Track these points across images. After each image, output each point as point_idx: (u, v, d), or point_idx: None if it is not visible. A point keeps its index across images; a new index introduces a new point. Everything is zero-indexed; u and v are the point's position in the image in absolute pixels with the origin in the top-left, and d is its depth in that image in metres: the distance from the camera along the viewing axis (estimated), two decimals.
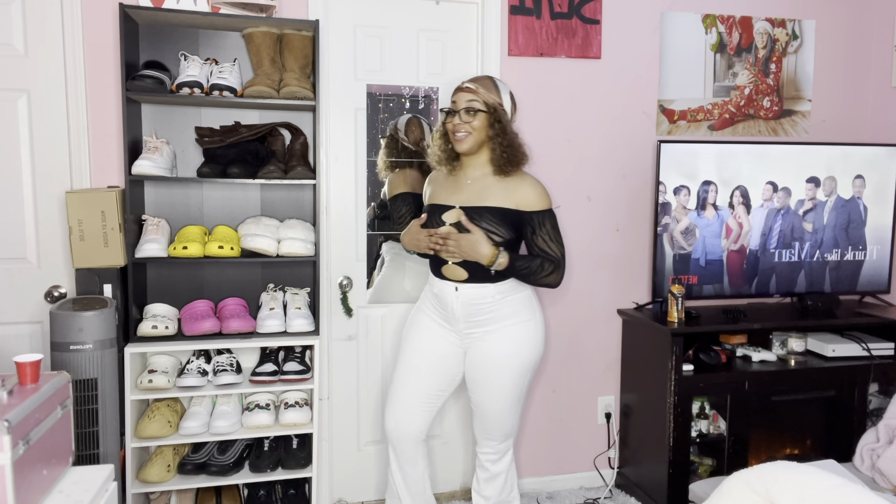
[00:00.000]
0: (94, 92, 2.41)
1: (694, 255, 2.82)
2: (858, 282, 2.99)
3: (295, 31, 2.42)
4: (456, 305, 2.13)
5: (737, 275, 2.87)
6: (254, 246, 2.35)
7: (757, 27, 3.02)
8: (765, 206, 2.87)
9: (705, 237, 2.82)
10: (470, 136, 2.10)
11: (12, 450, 1.36)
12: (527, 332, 2.15)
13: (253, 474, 2.39)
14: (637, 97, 2.92)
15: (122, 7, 2.23)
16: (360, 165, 2.69)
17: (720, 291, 2.86)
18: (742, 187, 2.83)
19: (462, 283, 2.12)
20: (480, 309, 2.12)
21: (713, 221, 2.83)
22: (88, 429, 2.09)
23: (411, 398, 2.22)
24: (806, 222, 2.90)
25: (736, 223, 2.84)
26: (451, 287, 2.14)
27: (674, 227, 2.79)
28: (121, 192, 2.29)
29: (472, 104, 2.10)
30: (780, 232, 2.88)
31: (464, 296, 2.12)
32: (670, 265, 2.80)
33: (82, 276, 2.25)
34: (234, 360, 2.45)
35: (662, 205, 2.76)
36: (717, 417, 2.73)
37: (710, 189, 2.80)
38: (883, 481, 2.09)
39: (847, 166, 2.91)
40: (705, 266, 2.83)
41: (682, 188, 2.77)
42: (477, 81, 2.14)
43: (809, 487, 1.18)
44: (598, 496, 2.89)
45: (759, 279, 2.90)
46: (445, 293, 2.15)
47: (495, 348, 2.13)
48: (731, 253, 2.85)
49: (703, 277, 2.84)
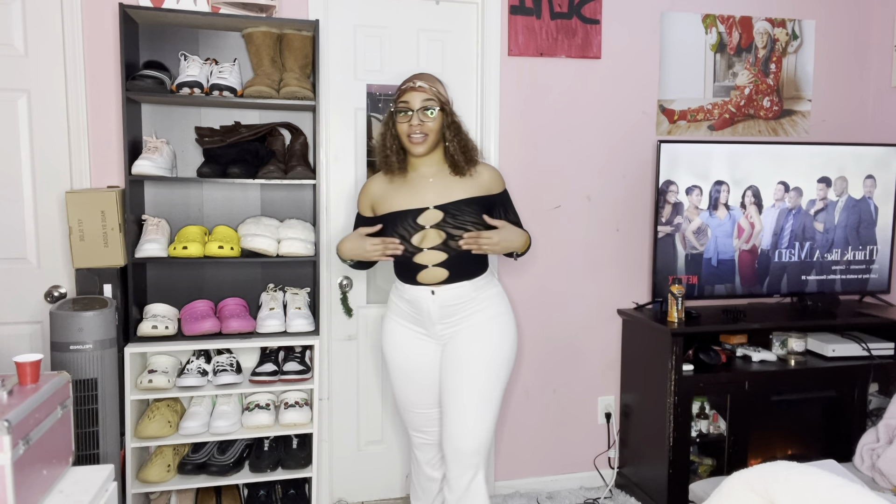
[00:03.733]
0: (94, 92, 2.41)
1: (706, 254, 2.82)
2: (869, 282, 3.00)
3: (295, 31, 2.42)
4: (432, 309, 2.07)
5: (748, 274, 2.88)
6: (254, 246, 2.35)
7: (757, 27, 3.02)
8: (776, 205, 2.87)
9: (717, 237, 2.83)
10: (428, 138, 2.04)
11: (12, 450, 1.36)
12: (500, 326, 2.10)
13: (253, 474, 2.39)
14: (637, 97, 2.91)
15: (122, 7, 2.23)
16: (360, 165, 2.68)
17: (732, 291, 2.86)
18: (754, 187, 2.83)
19: (438, 285, 2.06)
20: (457, 308, 2.08)
21: (725, 221, 2.83)
22: (88, 429, 2.08)
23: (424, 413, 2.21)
24: (817, 222, 2.90)
25: (748, 223, 2.84)
26: (426, 292, 2.07)
27: (686, 227, 2.79)
28: (121, 192, 2.29)
29: (429, 103, 2.03)
30: (791, 232, 2.88)
31: (441, 298, 2.06)
32: (682, 265, 2.80)
33: (82, 276, 2.25)
34: (234, 360, 2.45)
35: (675, 205, 2.76)
36: (717, 417, 2.73)
37: (722, 189, 2.80)
38: (883, 481, 2.09)
39: (859, 166, 2.91)
40: (717, 266, 2.84)
41: (694, 188, 2.77)
42: (424, 79, 2.06)
43: (809, 487, 1.18)
44: (598, 496, 2.89)
45: (770, 279, 2.90)
46: (420, 298, 2.08)
47: (469, 344, 2.07)
48: (742, 253, 2.86)
49: (715, 277, 2.84)
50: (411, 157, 2.10)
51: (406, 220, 2.06)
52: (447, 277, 2.06)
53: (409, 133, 2.03)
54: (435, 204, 2.05)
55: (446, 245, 2.04)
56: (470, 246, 2.01)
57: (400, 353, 2.18)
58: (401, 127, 2.05)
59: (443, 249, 2.04)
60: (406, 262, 2.08)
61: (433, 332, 2.12)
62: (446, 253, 2.04)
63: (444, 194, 2.07)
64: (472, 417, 2.04)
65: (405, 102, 2.04)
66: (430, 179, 2.10)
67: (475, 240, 2.01)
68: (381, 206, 2.13)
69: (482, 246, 2.01)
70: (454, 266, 2.05)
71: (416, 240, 2.05)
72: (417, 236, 2.04)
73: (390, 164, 2.11)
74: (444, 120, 2.07)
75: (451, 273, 2.05)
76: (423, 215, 2.05)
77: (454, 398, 2.06)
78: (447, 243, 2.04)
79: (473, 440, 2.03)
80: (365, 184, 2.22)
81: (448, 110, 2.08)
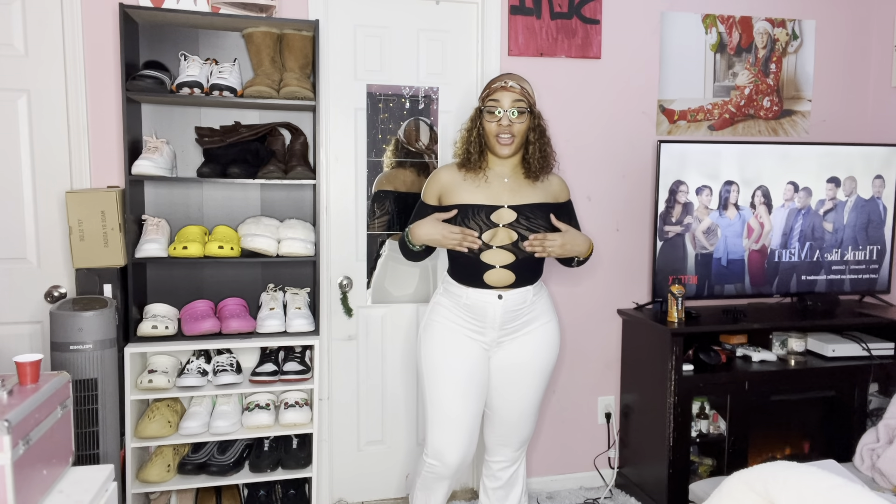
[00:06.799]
0: (94, 92, 2.41)
1: (716, 254, 2.83)
2: (878, 281, 3.00)
3: (295, 31, 2.42)
4: (497, 314, 2.02)
5: (758, 275, 2.88)
6: (254, 246, 2.35)
7: (757, 27, 3.02)
8: (786, 205, 2.87)
9: (727, 237, 2.83)
10: (515, 140, 2.00)
11: (12, 450, 1.36)
12: (551, 332, 2.12)
13: (253, 474, 2.39)
14: (637, 97, 2.92)
15: (122, 7, 2.23)
16: (360, 165, 2.68)
17: (741, 291, 2.87)
18: (763, 187, 2.83)
19: (505, 289, 2.03)
20: (519, 314, 2.05)
21: (735, 221, 2.83)
22: (88, 429, 2.08)
23: (470, 427, 2.07)
24: (826, 222, 2.91)
25: (757, 223, 2.85)
26: (492, 296, 2.02)
27: (696, 227, 2.79)
28: (121, 192, 2.29)
29: (519, 105, 1.99)
30: (801, 232, 2.88)
31: (507, 302, 2.02)
32: (692, 265, 2.80)
33: (82, 276, 2.25)
34: (234, 360, 2.45)
35: (685, 204, 2.76)
36: (717, 417, 2.73)
37: (731, 189, 2.80)
38: (883, 481, 2.09)
39: (867, 166, 2.91)
40: (727, 266, 2.84)
41: (704, 188, 2.77)
42: (514, 79, 2.02)
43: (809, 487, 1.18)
44: (598, 496, 2.89)
45: (779, 279, 2.90)
46: (485, 302, 2.03)
47: (524, 351, 2.07)
48: (752, 252, 2.86)
49: (725, 277, 2.85)
50: (490, 155, 2.08)
51: (479, 215, 2.02)
52: (514, 282, 2.02)
53: (498, 133, 2.00)
54: (509, 203, 2.03)
55: (515, 246, 2.02)
56: (534, 248, 1.98)
57: (454, 354, 2.07)
58: (489, 126, 2.02)
59: (511, 250, 2.02)
60: (472, 262, 2.03)
61: (489, 338, 2.07)
62: (514, 255, 2.02)
63: (518, 196, 2.05)
64: (524, 420, 2.13)
65: (495, 101, 2.00)
66: (504, 179, 2.07)
67: (541, 242, 1.98)
68: (450, 197, 2.09)
69: (547, 248, 1.98)
70: (521, 269, 2.03)
71: (486, 237, 2.01)
72: (488, 233, 2.01)
73: (472, 161, 2.07)
74: (531, 122, 2.03)
75: (517, 277, 2.02)
76: (496, 213, 2.02)
77: (510, 404, 2.11)
78: (517, 244, 2.02)
79: (522, 439, 2.16)
80: (434, 172, 2.18)
81: (536, 113, 2.05)
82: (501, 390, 2.11)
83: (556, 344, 2.15)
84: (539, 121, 2.06)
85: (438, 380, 2.08)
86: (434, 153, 2.72)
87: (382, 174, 2.68)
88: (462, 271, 2.07)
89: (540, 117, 2.07)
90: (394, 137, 2.68)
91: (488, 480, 2.22)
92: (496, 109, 1.99)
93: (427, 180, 2.20)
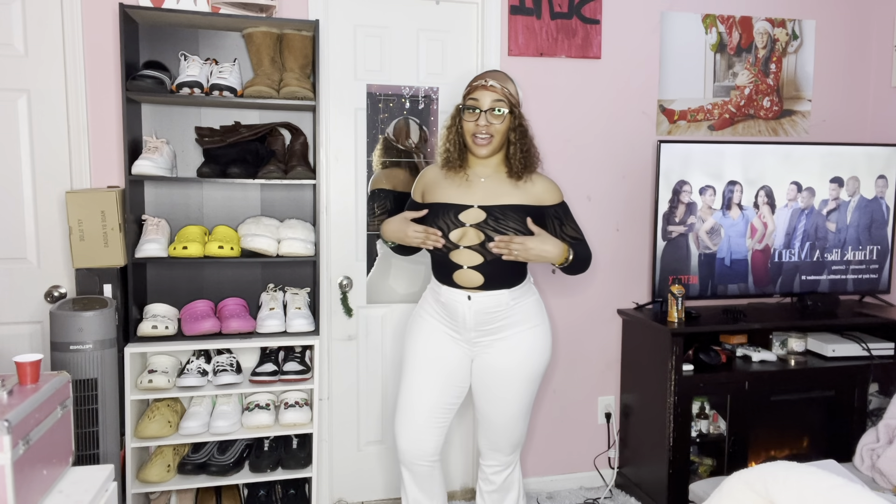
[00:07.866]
0: (94, 92, 2.41)
1: (719, 254, 2.83)
2: (879, 281, 3.00)
3: (295, 31, 2.42)
4: (468, 315, 2.00)
5: (761, 274, 2.88)
6: (254, 246, 2.35)
7: (757, 27, 3.02)
8: (789, 205, 2.87)
9: (730, 237, 2.83)
10: (493, 140, 1.97)
11: (12, 450, 1.36)
12: (535, 338, 2.05)
13: (253, 474, 2.39)
14: (637, 97, 2.92)
15: (122, 7, 2.23)
16: (360, 165, 2.68)
17: (745, 291, 2.87)
18: (767, 187, 2.83)
19: (475, 290, 1.99)
20: (494, 317, 2.00)
21: (738, 221, 2.83)
22: (88, 429, 2.08)
23: (425, 415, 2.06)
24: (829, 222, 2.91)
25: (761, 223, 2.85)
26: (462, 296, 2.00)
27: (699, 227, 2.79)
28: (121, 192, 2.29)
29: (499, 104, 1.96)
30: (804, 232, 2.88)
31: (477, 304, 1.99)
32: (695, 265, 2.80)
33: (82, 276, 2.25)
34: (234, 360, 2.45)
35: (688, 204, 2.77)
36: (717, 417, 2.73)
37: (735, 189, 2.80)
38: (883, 481, 2.09)
39: (870, 166, 2.92)
40: (730, 266, 2.84)
41: (707, 188, 2.77)
42: (495, 78, 1.99)
43: (809, 487, 1.18)
44: (598, 496, 2.89)
45: (782, 279, 2.91)
46: (455, 302, 2.01)
47: (506, 357, 2.02)
48: (755, 252, 2.86)
49: (728, 277, 2.85)
50: (470, 156, 2.05)
51: (448, 214, 2.00)
52: (483, 283, 1.99)
53: (475, 133, 1.97)
54: (480, 203, 2.00)
55: (483, 247, 1.98)
56: (500, 250, 1.93)
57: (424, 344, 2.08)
58: (467, 125, 1.99)
59: (479, 251, 1.98)
60: (442, 260, 2.03)
61: (467, 338, 2.06)
62: (483, 256, 1.98)
63: (492, 196, 2.01)
64: (512, 425, 2.10)
65: (474, 100, 1.98)
66: (482, 179, 2.04)
67: (506, 244, 1.92)
68: (429, 195, 2.09)
69: (512, 251, 1.92)
70: (491, 272, 1.98)
71: (454, 236, 1.99)
72: (456, 233, 1.99)
73: (451, 160, 2.05)
74: (512, 122, 2.00)
75: (486, 279, 1.98)
76: (465, 212, 2.00)
77: (495, 409, 2.08)
78: (484, 245, 1.97)
79: (513, 443, 2.14)
80: (423, 170, 2.20)
81: (517, 112, 2.01)
82: (486, 395, 2.08)
83: (542, 350, 2.07)
84: (521, 121, 2.02)
85: (410, 368, 2.11)
86: (423, 152, 2.72)
87: (380, 172, 2.68)
88: (437, 269, 2.09)
89: (522, 117, 2.03)
90: (382, 136, 2.67)
91: (483, 484, 2.22)
92: (474, 108, 1.98)
93: (416, 177, 2.23)
